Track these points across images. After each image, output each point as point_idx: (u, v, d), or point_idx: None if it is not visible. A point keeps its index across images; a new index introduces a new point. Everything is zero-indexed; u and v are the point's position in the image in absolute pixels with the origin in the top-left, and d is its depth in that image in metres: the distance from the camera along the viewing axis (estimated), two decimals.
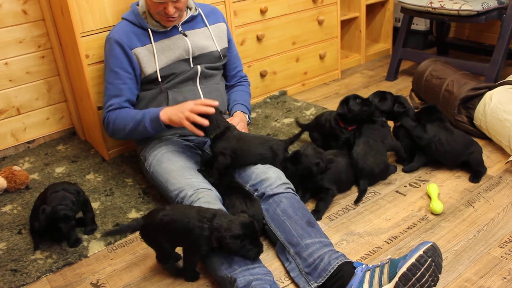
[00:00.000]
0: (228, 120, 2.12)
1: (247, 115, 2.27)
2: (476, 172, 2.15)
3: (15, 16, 2.47)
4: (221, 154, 1.93)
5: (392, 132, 2.28)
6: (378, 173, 2.13)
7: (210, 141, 1.96)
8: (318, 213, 1.97)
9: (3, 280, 1.75)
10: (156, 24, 2.09)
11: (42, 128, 2.75)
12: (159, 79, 2.09)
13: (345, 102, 2.20)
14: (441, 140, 2.15)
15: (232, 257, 1.59)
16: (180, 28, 2.13)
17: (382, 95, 2.25)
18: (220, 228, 1.55)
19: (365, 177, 2.11)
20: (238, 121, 2.15)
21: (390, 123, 2.29)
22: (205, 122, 1.86)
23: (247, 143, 1.97)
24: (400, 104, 2.24)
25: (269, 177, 1.88)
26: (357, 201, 2.06)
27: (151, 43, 2.07)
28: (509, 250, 1.73)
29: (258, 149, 1.97)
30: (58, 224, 1.81)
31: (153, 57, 2.08)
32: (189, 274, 1.69)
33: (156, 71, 2.08)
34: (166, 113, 1.92)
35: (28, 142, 2.72)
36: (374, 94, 2.26)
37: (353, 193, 2.14)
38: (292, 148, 2.28)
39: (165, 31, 2.10)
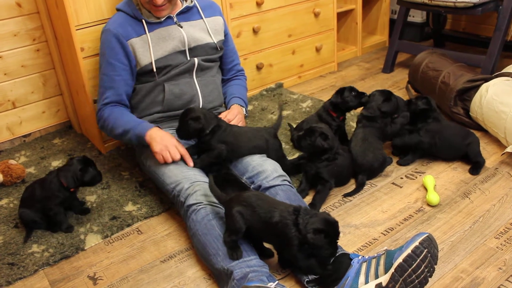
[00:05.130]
0: (225, 113, 2.13)
1: (244, 109, 2.27)
2: (475, 163, 2.16)
3: (9, 9, 2.46)
4: (219, 145, 1.93)
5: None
6: (377, 167, 2.14)
7: (207, 136, 1.94)
8: (314, 207, 1.97)
9: (0, 273, 1.75)
10: (150, 14, 2.08)
11: (38, 121, 2.74)
12: (154, 70, 2.08)
13: (339, 92, 2.28)
14: (440, 140, 2.16)
15: None
16: (175, 19, 2.12)
17: (387, 95, 2.20)
18: (303, 223, 1.50)
19: (365, 172, 2.12)
20: (236, 113, 2.14)
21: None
22: (177, 157, 1.92)
23: (242, 137, 1.98)
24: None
25: (265, 169, 1.88)
26: (348, 195, 2.06)
27: (145, 33, 2.07)
28: (505, 241, 1.74)
29: (253, 141, 1.98)
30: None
31: (148, 48, 2.07)
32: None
33: (151, 62, 2.07)
34: (151, 137, 1.94)
35: (24, 136, 2.71)
36: (379, 93, 2.22)
37: (351, 185, 2.14)
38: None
39: (160, 22, 2.09)
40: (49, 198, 1.90)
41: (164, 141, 1.92)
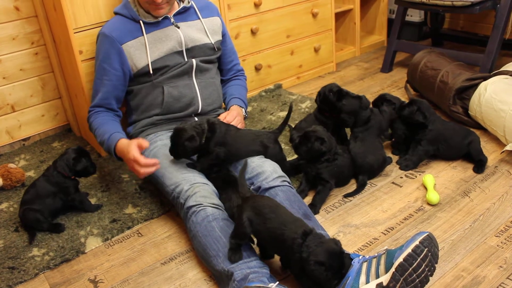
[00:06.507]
0: (224, 114, 2.13)
1: (243, 109, 2.27)
2: (478, 162, 2.16)
3: (7, 12, 2.46)
4: (218, 148, 1.92)
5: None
6: (377, 168, 2.14)
7: (203, 144, 1.90)
8: (314, 207, 1.97)
9: (1, 277, 1.75)
10: (147, 15, 2.08)
11: (37, 125, 2.74)
12: (151, 72, 2.08)
13: (319, 93, 2.29)
14: (442, 144, 2.16)
15: None
16: (172, 20, 2.12)
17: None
18: (306, 251, 1.45)
19: (365, 173, 2.12)
20: (235, 114, 2.14)
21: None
22: (140, 176, 1.87)
23: (239, 140, 1.96)
24: (388, 102, 2.26)
25: (265, 170, 1.88)
26: (348, 195, 2.06)
27: (143, 35, 2.07)
28: (505, 239, 1.74)
29: (250, 145, 1.98)
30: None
31: (145, 49, 2.07)
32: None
33: (148, 64, 2.07)
34: (120, 153, 1.93)
35: (24, 140, 2.71)
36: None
37: (351, 185, 2.14)
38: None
39: (157, 23, 2.09)
40: (63, 192, 1.99)
41: (126, 158, 1.89)
